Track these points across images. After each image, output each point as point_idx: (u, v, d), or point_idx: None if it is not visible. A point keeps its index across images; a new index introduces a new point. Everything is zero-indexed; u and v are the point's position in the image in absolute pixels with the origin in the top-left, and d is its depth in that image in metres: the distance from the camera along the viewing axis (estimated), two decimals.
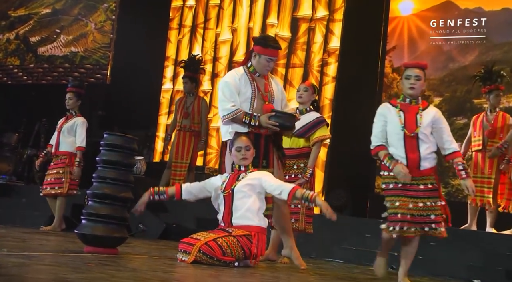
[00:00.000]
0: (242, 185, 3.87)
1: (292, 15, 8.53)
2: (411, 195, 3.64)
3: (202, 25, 9.16)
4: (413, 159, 3.64)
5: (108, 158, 3.94)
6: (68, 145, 6.11)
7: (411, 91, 3.67)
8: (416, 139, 3.66)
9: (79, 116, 6.20)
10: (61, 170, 6.06)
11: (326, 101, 8.12)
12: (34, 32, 10.11)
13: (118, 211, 3.87)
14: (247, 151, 3.96)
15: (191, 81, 7.14)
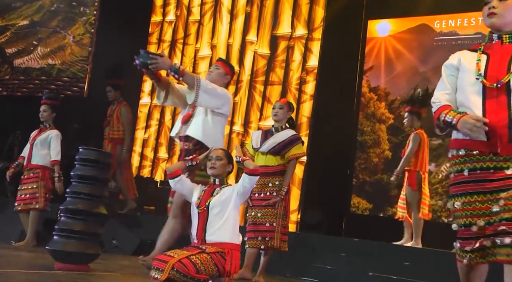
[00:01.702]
0: (216, 201, 3.85)
1: (271, 33, 8.59)
2: (492, 188, 2.39)
3: (182, 41, 9.20)
4: (500, 124, 2.40)
5: (82, 172, 3.92)
6: (41, 158, 6.03)
7: (492, 19, 2.55)
8: (504, 93, 2.44)
9: (53, 129, 6.13)
10: (35, 185, 5.96)
11: (304, 119, 8.17)
12: (10, 44, 10.03)
13: (91, 227, 3.85)
14: (217, 160, 3.96)
15: (114, 89, 7.06)
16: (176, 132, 4.33)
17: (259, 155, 4.95)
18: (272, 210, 4.78)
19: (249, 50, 8.69)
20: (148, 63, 3.96)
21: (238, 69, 8.67)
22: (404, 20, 8.03)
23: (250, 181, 3.81)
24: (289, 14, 8.49)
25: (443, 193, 7.22)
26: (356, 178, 7.90)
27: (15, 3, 10.16)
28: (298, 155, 4.91)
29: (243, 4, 8.83)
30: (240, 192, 3.83)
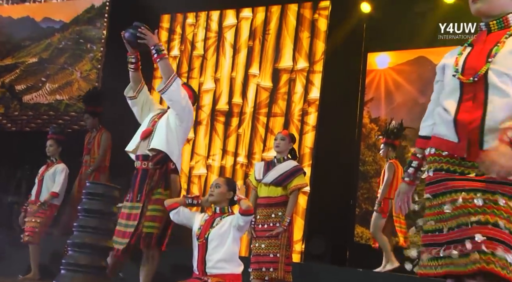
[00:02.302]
0: (215, 233, 3.86)
1: (273, 66, 8.68)
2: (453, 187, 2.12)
3: (186, 75, 9.28)
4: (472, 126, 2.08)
5: (89, 206, 3.96)
6: (48, 195, 6.08)
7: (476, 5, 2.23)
8: (482, 88, 2.09)
9: (59, 163, 6.18)
10: (39, 219, 6.01)
11: (306, 149, 8.21)
12: (20, 81, 10.15)
13: (98, 260, 3.87)
14: (215, 188, 3.99)
15: (92, 117, 7.03)
16: (133, 148, 4.25)
17: (262, 186, 4.99)
18: (276, 240, 4.80)
19: (252, 83, 8.78)
20: (136, 34, 3.99)
21: (241, 102, 8.77)
22: (402, 52, 8.12)
23: (244, 220, 3.81)
24: (291, 47, 8.60)
25: None
26: (359, 207, 7.90)
27: (24, 42, 10.32)
28: (300, 185, 4.95)
29: (245, 38, 8.95)
30: (236, 227, 3.85)
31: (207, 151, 8.84)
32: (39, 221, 6.00)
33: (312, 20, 8.54)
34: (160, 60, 4.09)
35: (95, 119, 7.03)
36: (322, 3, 8.50)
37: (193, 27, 9.36)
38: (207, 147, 8.85)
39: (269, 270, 4.75)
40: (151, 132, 4.19)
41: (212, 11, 9.23)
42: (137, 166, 4.23)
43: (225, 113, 8.85)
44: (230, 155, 8.67)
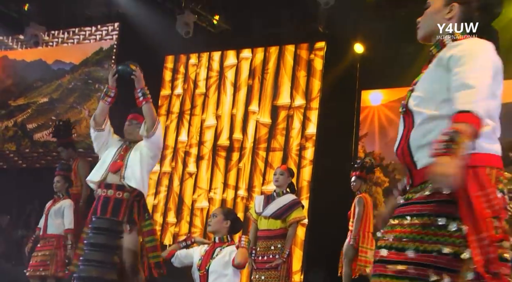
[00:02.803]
0: (216, 264, 3.82)
1: (272, 103, 8.73)
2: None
3: (189, 112, 9.32)
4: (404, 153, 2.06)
5: (95, 240, 3.94)
6: (55, 228, 5.97)
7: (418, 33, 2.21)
8: (409, 115, 2.06)
9: (66, 199, 6.10)
10: (48, 252, 5.88)
11: (304, 183, 8.19)
12: (31, 120, 10.21)
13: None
14: (212, 217, 3.97)
15: (66, 148, 6.91)
16: (99, 179, 4.16)
17: (262, 219, 4.97)
18: (275, 272, 4.76)
19: (252, 120, 8.81)
20: (129, 71, 4.05)
21: (241, 137, 8.79)
22: (394, 90, 8.14)
23: (238, 269, 3.82)
24: (288, 85, 8.66)
25: None
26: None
27: (36, 83, 10.41)
28: (298, 218, 4.93)
29: (245, 77, 9.02)
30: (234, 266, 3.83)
31: (209, 184, 8.82)
32: (47, 254, 5.87)
33: (309, 60, 8.62)
34: (145, 103, 4.11)
35: (69, 150, 6.92)
36: (318, 44, 8.59)
37: (195, 67, 9.44)
38: (209, 180, 8.83)
39: None
40: (122, 166, 4.15)
41: (213, 52, 9.32)
42: (102, 193, 4.13)
43: (226, 149, 8.85)
44: (231, 188, 8.64)
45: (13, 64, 10.74)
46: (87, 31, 10.05)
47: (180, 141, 9.22)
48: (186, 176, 9.03)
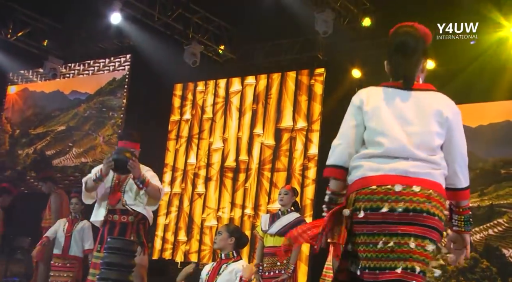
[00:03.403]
0: (222, 280, 3.80)
1: (275, 126, 8.75)
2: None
3: (197, 136, 9.35)
4: None
5: (110, 260, 3.88)
6: (78, 250, 5.85)
7: None
8: None
9: (82, 220, 5.94)
10: (71, 274, 5.77)
11: (307, 201, 8.17)
12: (50, 147, 10.27)
13: None
14: (218, 235, 3.93)
15: (45, 182, 6.80)
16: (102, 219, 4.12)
17: (268, 236, 4.95)
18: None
19: (257, 142, 8.82)
20: (127, 162, 3.86)
21: (247, 159, 8.79)
22: None
23: None
24: (291, 109, 8.69)
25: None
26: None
27: (54, 112, 10.50)
28: None
29: (249, 102, 9.06)
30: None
31: (217, 204, 8.80)
32: (71, 275, 5.75)
33: (309, 85, 8.66)
34: (146, 188, 4.01)
35: (48, 183, 6.80)
36: (318, 70, 8.64)
37: (203, 94, 9.49)
38: (217, 200, 8.82)
39: None
40: (120, 195, 4.09)
41: (219, 79, 9.39)
42: (114, 219, 4.11)
43: (233, 170, 8.86)
44: (238, 207, 8.63)
45: (33, 96, 10.84)
46: (101, 63, 10.15)
47: (189, 163, 9.24)
48: (195, 196, 9.03)
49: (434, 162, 2.13)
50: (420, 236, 2.03)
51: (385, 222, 2.07)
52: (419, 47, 2.28)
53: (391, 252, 2.04)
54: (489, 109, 6.99)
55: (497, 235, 6.81)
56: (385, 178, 2.11)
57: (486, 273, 6.72)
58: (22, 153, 10.41)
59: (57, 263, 5.84)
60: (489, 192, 7.02)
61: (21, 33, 9.32)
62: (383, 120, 2.20)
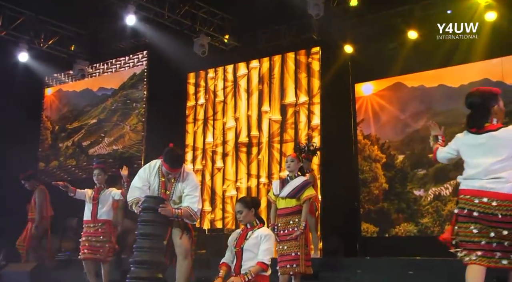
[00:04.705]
0: (249, 244, 3.82)
1: (280, 103, 8.73)
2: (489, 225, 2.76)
3: (212, 118, 9.36)
4: None
5: (144, 231, 3.91)
6: (105, 214, 5.47)
7: None
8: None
9: (110, 187, 5.56)
10: (102, 237, 5.38)
11: (314, 166, 8.10)
12: (85, 138, 10.35)
13: (154, 273, 3.80)
14: (239, 213, 3.97)
15: (27, 180, 6.56)
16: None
17: (280, 199, 4.95)
18: (295, 242, 4.73)
19: (265, 118, 8.82)
20: (156, 208, 3.82)
21: (258, 134, 8.80)
22: (382, 80, 8.08)
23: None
24: (293, 86, 8.65)
25: (432, 211, 7.09)
26: (362, 208, 7.81)
27: (86, 108, 10.54)
28: (310, 195, 4.89)
29: (256, 83, 9.03)
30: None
31: (235, 176, 8.86)
32: (103, 239, 5.34)
33: (307, 63, 8.61)
34: (182, 218, 3.95)
35: (31, 181, 6.56)
36: (314, 49, 8.57)
37: (213, 80, 9.47)
38: (234, 173, 8.87)
39: (292, 266, 4.68)
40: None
41: (227, 66, 9.35)
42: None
43: (246, 145, 8.88)
44: (254, 177, 8.67)
45: (66, 95, 10.90)
46: (122, 61, 10.14)
47: (207, 143, 9.28)
48: (215, 171, 9.09)
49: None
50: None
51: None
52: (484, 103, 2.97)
53: None
54: (469, 70, 6.91)
55: None
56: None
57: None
58: (62, 145, 10.53)
59: (87, 230, 5.48)
60: None
61: (51, 41, 9.35)
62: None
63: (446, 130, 7.34)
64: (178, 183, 4.03)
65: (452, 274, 5.13)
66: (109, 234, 5.43)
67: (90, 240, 5.39)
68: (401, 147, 7.69)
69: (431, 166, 7.21)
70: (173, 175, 3.99)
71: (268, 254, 3.81)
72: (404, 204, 7.32)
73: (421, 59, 7.37)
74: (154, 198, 3.97)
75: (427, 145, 7.16)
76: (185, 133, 9.51)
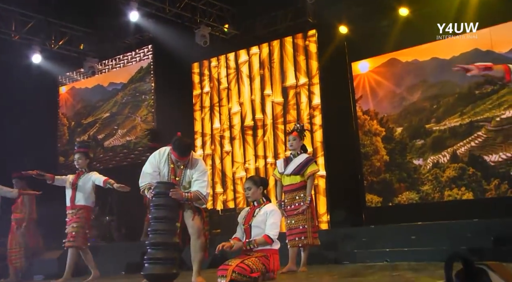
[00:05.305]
0: (257, 221, 3.86)
1: (282, 85, 8.67)
2: None
3: (217, 104, 9.34)
4: None
5: (157, 214, 3.94)
6: (83, 199, 5.18)
7: None
8: None
9: (91, 171, 5.27)
10: (75, 224, 5.09)
11: (318, 144, 8.15)
12: (100, 132, 10.38)
13: (170, 254, 3.84)
14: (248, 190, 3.98)
15: (19, 181, 6.35)
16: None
17: (285, 177, 4.96)
18: (302, 216, 4.77)
19: (268, 101, 8.78)
20: (167, 193, 3.82)
21: (262, 117, 8.77)
22: (377, 58, 7.96)
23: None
24: (292, 69, 8.58)
25: (432, 179, 7.05)
26: (366, 180, 7.78)
27: (98, 103, 10.55)
28: (314, 171, 4.91)
29: (257, 69, 8.97)
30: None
31: (243, 158, 8.86)
32: (76, 226, 5.05)
33: (305, 46, 8.52)
34: (191, 201, 3.91)
35: (21, 182, 6.37)
36: (310, 32, 8.47)
37: (216, 68, 9.42)
38: (242, 155, 8.87)
39: (301, 238, 4.72)
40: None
41: (228, 54, 9.28)
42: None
43: (252, 128, 8.86)
44: (261, 158, 8.67)
45: (79, 92, 10.92)
46: (129, 56, 10.11)
47: (214, 128, 9.27)
48: (224, 154, 9.10)
49: None
50: None
51: None
52: None
53: None
54: (459, 42, 6.79)
55: (478, 146, 6.74)
56: None
57: (472, 178, 6.71)
58: (79, 140, 10.57)
59: (68, 217, 5.20)
60: (467, 111, 6.91)
61: (62, 42, 9.34)
62: None
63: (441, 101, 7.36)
64: (187, 169, 4.03)
65: (452, 236, 5.14)
66: (84, 220, 5.10)
67: (71, 227, 5.12)
68: (399, 120, 7.62)
69: (429, 136, 7.16)
70: (182, 162, 3.98)
71: (274, 228, 3.83)
72: (405, 173, 7.29)
73: (413, 35, 7.27)
74: (165, 183, 3.98)
75: (424, 116, 7.21)
76: (193, 120, 9.51)
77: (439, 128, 7.09)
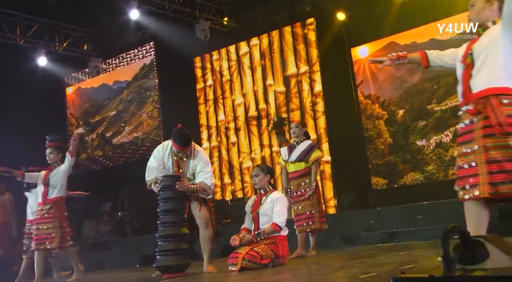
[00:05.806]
0: (264, 209, 3.84)
1: (283, 75, 8.61)
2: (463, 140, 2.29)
3: (221, 96, 9.30)
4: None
5: (165, 207, 3.94)
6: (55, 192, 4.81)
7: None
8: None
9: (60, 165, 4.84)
10: (51, 225, 4.71)
11: (321, 130, 8.10)
12: (107, 129, 10.39)
13: (179, 245, 3.85)
14: (255, 177, 3.95)
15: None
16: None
17: (289, 164, 4.93)
18: (309, 201, 4.74)
19: (270, 91, 8.72)
20: (174, 185, 3.80)
21: (265, 107, 8.72)
22: (376, 42, 7.88)
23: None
24: (293, 58, 8.51)
25: (436, 159, 6.99)
26: (371, 163, 7.73)
27: (105, 101, 10.55)
28: (317, 157, 4.87)
29: (258, 60, 8.90)
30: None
31: (249, 148, 8.83)
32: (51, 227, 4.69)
33: (304, 34, 8.44)
34: (197, 192, 3.87)
35: (1, 184, 6.18)
36: (308, 21, 8.39)
37: (218, 61, 9.37)
38: (248, 145, 8.84)
39: (308, 223, 4.70)
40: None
41: (229, 46, 9.22)
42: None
43: (256, 118, 8.82)
44: (267, 147, 8.64)
45: (85, 92, 10.91)
46: (132, 54, 10.08)
47: (219, 120, 9.24)
48: (230, 145, 9.07)
49: None
50: None
51: None
52: None
53: None
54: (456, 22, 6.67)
55: None
56: None
57: None
58: (88, 139, 10.61)
59: (38, 213, 4.80)
60: None
61: (65, 44, 9.32)
62: None
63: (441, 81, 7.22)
64: (190, 160, 4.00)
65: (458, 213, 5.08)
66: (57, 219, 4.71)
67: (38, 229, 4.73)
68: (400, 102, 7.54)
69: (431, 117, 7.09)
70: (184, 153, 3.96)
71: (281, 215, 3.80)
72: (409, 155, 7.23)
73: (410, 17, 7.16)
74: (171, 176, 3.97)
75: (425, 98, 7.12)
76: (198, 114, 9.48)
77: (441, 109, 7.01)
